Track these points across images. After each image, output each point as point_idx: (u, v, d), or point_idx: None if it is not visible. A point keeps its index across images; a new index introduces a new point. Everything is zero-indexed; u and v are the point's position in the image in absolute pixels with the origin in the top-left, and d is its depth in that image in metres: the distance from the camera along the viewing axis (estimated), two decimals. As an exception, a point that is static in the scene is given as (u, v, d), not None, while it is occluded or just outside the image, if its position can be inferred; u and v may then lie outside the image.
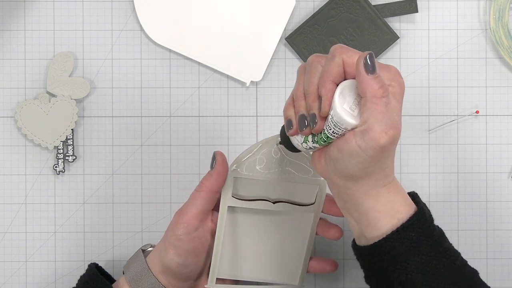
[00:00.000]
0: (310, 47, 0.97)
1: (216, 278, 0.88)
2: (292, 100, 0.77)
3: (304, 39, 0.97)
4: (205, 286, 0.87)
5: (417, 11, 0.97)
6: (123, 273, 0.88)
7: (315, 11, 0.97)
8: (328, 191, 0.87)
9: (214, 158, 0.85)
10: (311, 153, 0.80)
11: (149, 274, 0.85)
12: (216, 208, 0.87)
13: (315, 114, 0.75)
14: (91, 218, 0.98)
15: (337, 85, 0.74)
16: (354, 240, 0.80)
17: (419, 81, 0.98)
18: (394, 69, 0.75)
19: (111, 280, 0.90)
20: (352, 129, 0.73)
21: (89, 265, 0.90)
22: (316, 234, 0.90)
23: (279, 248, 0.90)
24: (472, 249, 0.98)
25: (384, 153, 0.73)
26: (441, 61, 0.98)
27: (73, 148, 0.97)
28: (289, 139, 0.79)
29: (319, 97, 0.74)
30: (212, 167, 0.85)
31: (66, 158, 0.97)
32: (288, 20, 0.98)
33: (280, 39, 0.98)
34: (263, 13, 0.97)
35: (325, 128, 0.75)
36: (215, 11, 0.97)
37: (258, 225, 0.89)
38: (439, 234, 0.78)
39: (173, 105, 0.98)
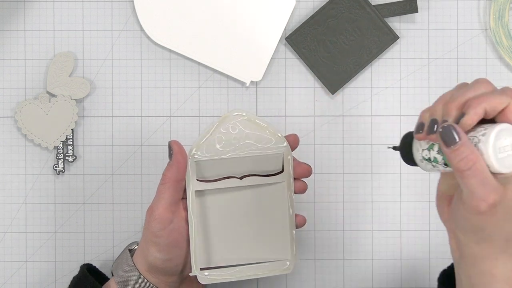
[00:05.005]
0: (310, 47, 0.97)
1: (207, 267, 0.87)
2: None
3: (304, 39, 0.97)
4: (190, 274, 0.86)
5: (417, 11, 0.97)
6: (112, 274, 0.88)
7: (315, 11, 0.98)
8: (295, 155, 0.87)
9: (170, 148, 0.84)
10: (426, 169, 0.76)
11: (137, 275, 0.85)
12: (185, 196, 0.86)
13: (447, 122, 0.72)
14: (91, 218, 0.98)
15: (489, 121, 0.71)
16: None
17: (419, 81, 0.98)
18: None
19: (106, 280, 0.90)
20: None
21: (81, 266, 0.90)
22: (295, 192, 0.88)
23: (261, 224, 0.88)
24: (472, 249, 0.98)
25: (492, 219, 0.71)
26: (441, 61, 0.98)
27: (73, 148, 0.97)
28: (409, 144, 0.76)
29: (461, 110, 0.72)
30: (170, 158, 0.84)
31: (66, 158, 0.97)
32: (288, 20, 0.98)
33: (280, 39, 0.98)
34: (263, 13, 0.97)
35: None
36: (215, 11, 0.97)
37: (233, 204, 0.87)
38: None
39: (173, 105, 0.98)
